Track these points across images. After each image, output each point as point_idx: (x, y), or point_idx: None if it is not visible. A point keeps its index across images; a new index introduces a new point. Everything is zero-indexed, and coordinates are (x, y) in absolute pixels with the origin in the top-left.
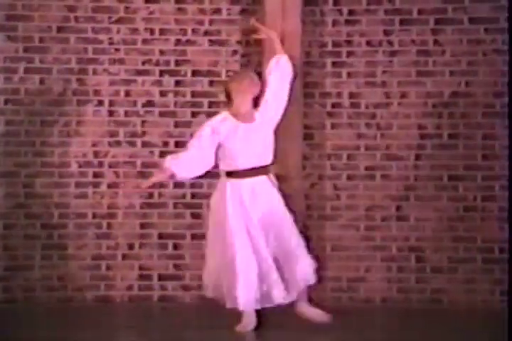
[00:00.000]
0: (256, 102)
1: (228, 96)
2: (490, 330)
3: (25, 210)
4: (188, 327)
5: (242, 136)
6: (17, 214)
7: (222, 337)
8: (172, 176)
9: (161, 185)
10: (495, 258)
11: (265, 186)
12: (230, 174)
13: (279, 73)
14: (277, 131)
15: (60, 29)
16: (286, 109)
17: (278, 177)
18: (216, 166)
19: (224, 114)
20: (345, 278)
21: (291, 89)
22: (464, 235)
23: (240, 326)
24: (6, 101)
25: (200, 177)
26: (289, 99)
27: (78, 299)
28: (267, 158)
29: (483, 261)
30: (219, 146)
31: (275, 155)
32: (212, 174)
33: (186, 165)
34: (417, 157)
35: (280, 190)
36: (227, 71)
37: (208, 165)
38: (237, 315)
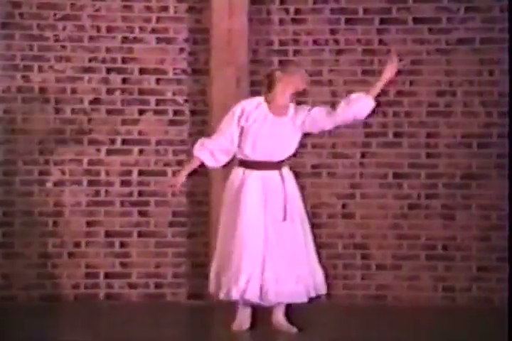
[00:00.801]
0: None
1: (270, 84)
2: (432, 326)
3: None
4: (134, 325)
5: (269, 127)
6: None
7: (167, 335)
8: (202, 165)
9: (108, 183)
10: (438, 255)
11: (278, 181)
12: (243, 163)
13: (351, 109)
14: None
15: (4, 25)
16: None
17: None
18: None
19: (259, 99)
20: None
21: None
22: (408, 232)
23: (234, 324)
24: None
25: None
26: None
27: (24, 297)
28: (284, 154)
29: (427, 258)
30: (242, 131)
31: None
32: (159, 172)
33: (216, 153)
34: (363, 155)
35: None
36: (174, 69)
37: (234, 152)
38: (185, 312)
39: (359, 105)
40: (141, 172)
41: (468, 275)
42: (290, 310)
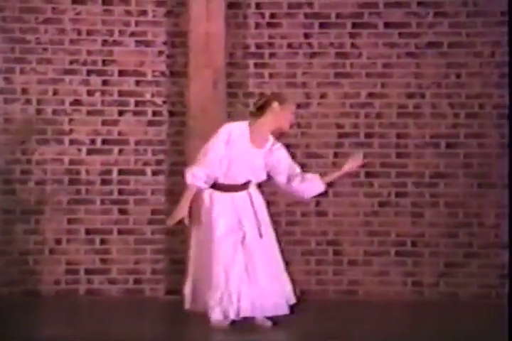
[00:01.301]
0: None
1: (262, 109)
2: (401, 319)
3: None
4: (113, 320)
5: (246, 156)
6: None
7: (146, 330)
8: (198, 190)
9: (88, 181)
10: (407, 251)
11: (247, 200)
12: (212, 186)
13: (303, 186)
14: (202, 130)
15: None
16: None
17: None
18: None
19: (244, 126)
20: None
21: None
22: (379, 229)
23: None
24: None
25: None
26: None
27: (6, 293)
28: (254, 181)
29: (396, 254)
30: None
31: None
32: (138, 171)
33: (209, 180)
34: (335, 155)
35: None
36: (153, 71)
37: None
38: (163, 308)
39: (310, 185)
40: (120, 172)
41: (436, 270)
42: None
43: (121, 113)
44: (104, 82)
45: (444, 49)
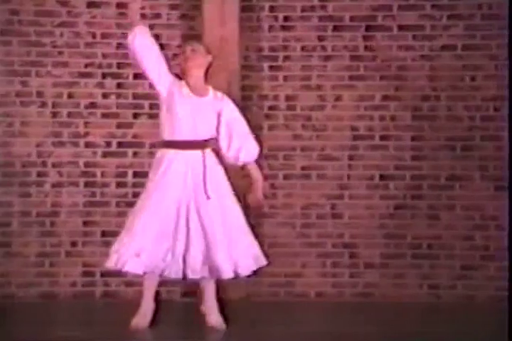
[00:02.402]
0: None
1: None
2: (418, 322)
3: None
4: (130, 323)
5: (190, 106)
6: None
7: (163, 332)
8: None
9: (104, 184)
10: (424, 254)
11: (201, 159)
12: (168, 144)
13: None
14: None
15: (3, 32)
16: None
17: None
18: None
19: (181, 82)
20: (282, 273)
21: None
22: (395, 232)
23: (134, 321)
24: None
25: None
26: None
27: (22, 295)
28: (207, 134)
29: (413, 256)
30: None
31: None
32: None
33: None
34: (350, 157)
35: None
36: None
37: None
38: (178, 312)
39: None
40: (135, 174)
41: (453, 273)
42: (276, 305)
43: (136, 115)
44: (119, 85)
45: (458, 51)
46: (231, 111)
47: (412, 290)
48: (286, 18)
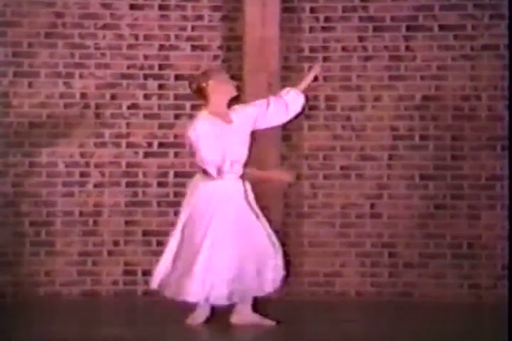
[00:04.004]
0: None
1: (204, 96)
2: (458, 322)
3: (14, 209)
4: (170, 322)
5: (222, 135)
6: (6, 212)
7: (201, 331)
8: None
9: (145, 184)
10: (464, 254)
11: (237, 186)
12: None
13: (284, 104)
14: (256, 133)
15: (48, 35)
16: None
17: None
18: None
19: (204, 114)
20: (322, 273)
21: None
22: (435, 232)
23: (190, 318)
24: None
25: None
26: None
27: (65, 294)
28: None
29: (453, 256)
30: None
31: (251, 156)
32: (194, 173)
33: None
34: (390, 157)
35: (253, 189)
36: None
37: None
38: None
39: (291, 100)
40: (176, 174)
41: (493, 273)
42: (316, 305)
43: (177, 116)
44: (161, 86)
45: (500, 51)
46: (247, 112)
47: (453, 290)
48: (326, 19)
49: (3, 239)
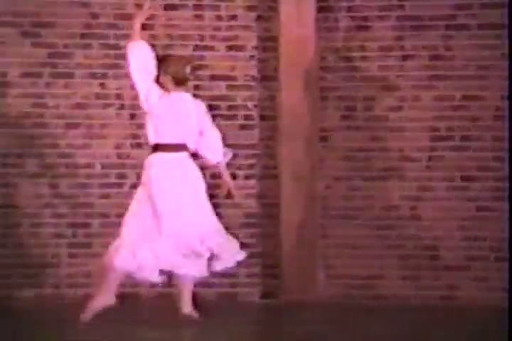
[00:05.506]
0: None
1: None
2: (502, 326)
3: (52, 210)
4: (210, 324)
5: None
6: (44, 213)
7: (243, 332)
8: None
9: None
10: (506, 257)
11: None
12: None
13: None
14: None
15: (83, 35)
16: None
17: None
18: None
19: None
20: (361, 275)
21: None
22: (477, 234)
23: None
24: (33, 105)
25: None
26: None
27: None
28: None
29: (496, 259)
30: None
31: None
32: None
33: None
34: (430, 158)
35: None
36: (245, 75)
37: None
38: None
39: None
40: (213, 176)
41: None
42: (355, 308)
43: (213, 117)
44: (196, 87)
45: None
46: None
47: (495, 294)
48: (363, 18)
49: (42, 240)
